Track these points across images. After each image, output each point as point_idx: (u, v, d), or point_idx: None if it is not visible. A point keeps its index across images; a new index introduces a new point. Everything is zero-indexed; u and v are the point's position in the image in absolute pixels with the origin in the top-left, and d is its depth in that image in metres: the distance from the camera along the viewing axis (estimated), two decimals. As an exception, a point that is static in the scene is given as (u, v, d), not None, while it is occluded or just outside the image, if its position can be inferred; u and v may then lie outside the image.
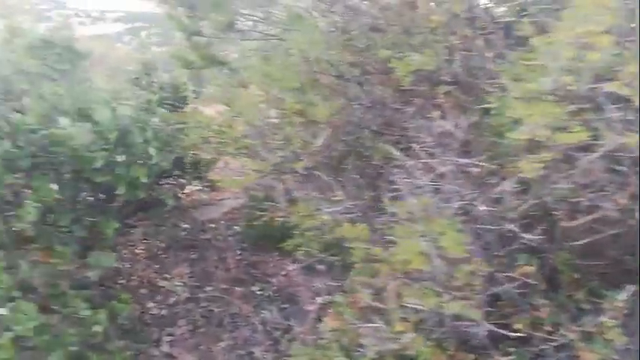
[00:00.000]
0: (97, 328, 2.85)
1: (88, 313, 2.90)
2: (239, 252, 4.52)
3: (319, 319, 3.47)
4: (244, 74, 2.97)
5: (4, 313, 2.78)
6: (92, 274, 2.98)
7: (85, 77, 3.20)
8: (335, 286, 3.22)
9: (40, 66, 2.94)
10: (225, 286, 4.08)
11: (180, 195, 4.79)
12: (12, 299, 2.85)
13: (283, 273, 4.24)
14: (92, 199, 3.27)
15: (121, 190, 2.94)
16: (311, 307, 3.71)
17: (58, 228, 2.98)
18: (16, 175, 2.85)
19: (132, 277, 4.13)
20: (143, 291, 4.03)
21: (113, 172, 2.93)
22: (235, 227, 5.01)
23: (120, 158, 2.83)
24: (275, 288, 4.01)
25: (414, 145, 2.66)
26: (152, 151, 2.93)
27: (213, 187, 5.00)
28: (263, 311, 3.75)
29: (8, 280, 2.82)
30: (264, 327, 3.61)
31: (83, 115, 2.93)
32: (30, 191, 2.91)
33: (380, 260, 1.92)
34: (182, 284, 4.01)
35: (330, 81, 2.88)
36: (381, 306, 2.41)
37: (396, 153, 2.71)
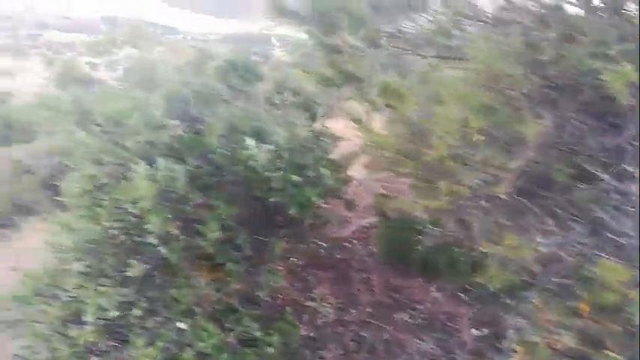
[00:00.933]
0: (270, 350, 2.83)
1: (259, 333, 2.89)
2: (379, 274, 4.37)
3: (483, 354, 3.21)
4: (428, 91, 2.82)
5: (185, 328, 2.85)
6: (262, 293, 2.97)
7: (260, 98, 3.27)
8: (517, 322, 2.95)
9: (222, 87, 3.03)
10: (370, 310, 3.94)
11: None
12: (190, 314, 2.92)
13: (430, 300, 4.02)
14: (256, 218, 3.30)
15: (292, 210, 2.92)
16: (473, 341, 3.45)
17: (231, 246, 3.02)
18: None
19: (277, 296, 4.13)
20: (288, 309, 4.01)
21: (286, 191, 2.92)
22: (369, 247, 4.88)
23: (295, 178, 2.80)
24: (424, 315, 3.80)
25: (628, 168, 2.36)
26: (324, 170, 2.89)
27: (345, 205, 4.91)
28: (418, 340, 3.55)
29: (188, 296, 2.89)
30: (422, 358, 3.41)
31: (257, 135, 2.97)
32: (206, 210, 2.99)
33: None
34: (328, 305, 3.93)
35: (517, 97, 2.67)
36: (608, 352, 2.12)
37: (605, 177, 2.42)
